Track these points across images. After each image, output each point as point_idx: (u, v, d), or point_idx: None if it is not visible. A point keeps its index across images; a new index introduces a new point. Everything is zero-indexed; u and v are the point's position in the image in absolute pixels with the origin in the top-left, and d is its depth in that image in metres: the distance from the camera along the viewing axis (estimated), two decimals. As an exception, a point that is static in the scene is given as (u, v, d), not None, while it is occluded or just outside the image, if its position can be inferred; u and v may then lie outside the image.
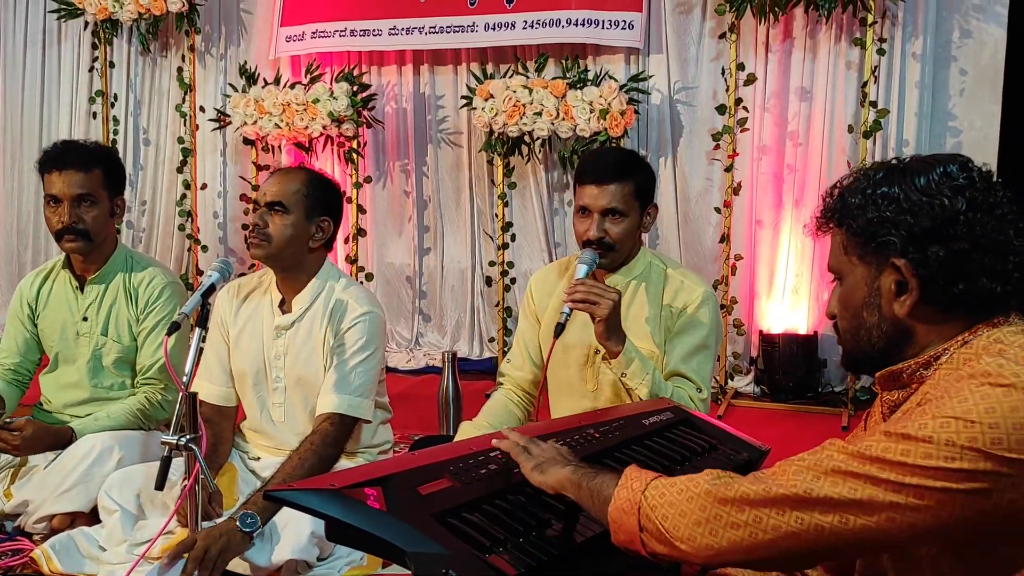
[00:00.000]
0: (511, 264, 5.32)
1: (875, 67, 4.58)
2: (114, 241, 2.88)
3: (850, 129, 4.73)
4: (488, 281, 5.48)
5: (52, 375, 2.91)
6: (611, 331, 2.24)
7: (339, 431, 2.40)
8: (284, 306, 2.53)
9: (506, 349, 5.34)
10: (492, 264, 5.41)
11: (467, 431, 2.51)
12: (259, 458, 2.57)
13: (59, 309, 2.88)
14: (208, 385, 2.55)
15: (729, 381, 4.98)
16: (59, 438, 2.66)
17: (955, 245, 1.27)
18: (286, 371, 2.50)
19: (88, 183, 2.74)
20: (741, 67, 4.78)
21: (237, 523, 2.12)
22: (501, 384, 2.71)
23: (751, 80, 4.78)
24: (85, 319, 2.84)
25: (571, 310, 2.26)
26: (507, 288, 5.31)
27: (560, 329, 2.27)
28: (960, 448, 1.13)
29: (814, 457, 1.23)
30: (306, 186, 2.45)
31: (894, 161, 1.36)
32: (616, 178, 2.36)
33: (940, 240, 1.27)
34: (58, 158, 2.74)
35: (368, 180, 5.63)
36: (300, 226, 2.44)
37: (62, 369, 2.88)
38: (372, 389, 2.48)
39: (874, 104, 4.58)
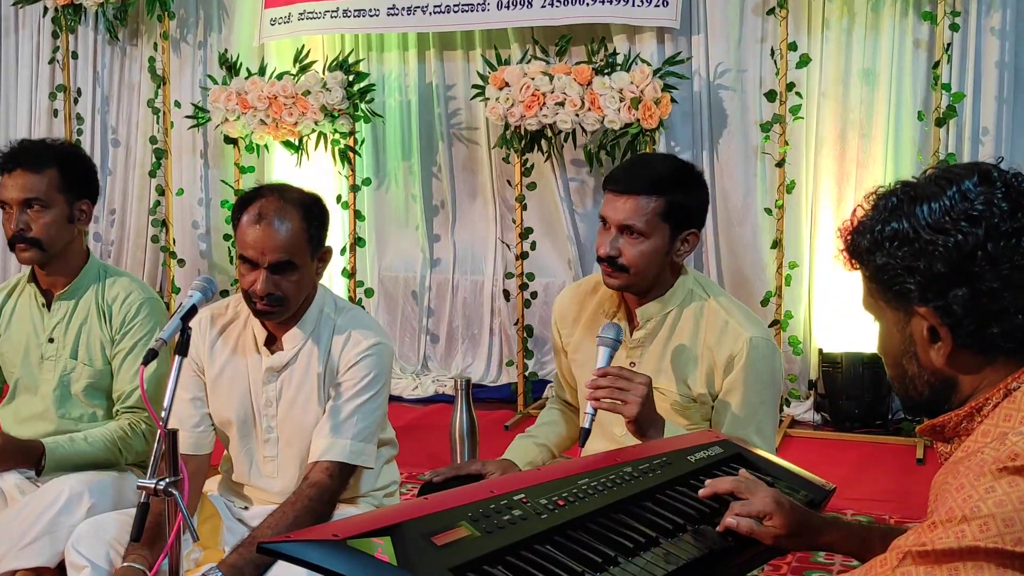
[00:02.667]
0: (531, 276, 5.33)
1: (948, 45, 4.57)
2: (84, 253, 2.89)
3: (920, 116, 4.72)
4: (506, 295, 5.49)
5: (11, 407, 2.91)
6: (645, 427, 2.20)
7: (337, 483, 2.37)
8: (273, 344, 2.49)
9: (527, 373, 5.34)
10: (510, 276, 5.43)
11: (522, 449, 2.54)
12: (247, 507, 2.57)
13: (22, 329, 2.88)
14: (181, 433, 2.50)
15: (785, 408, 4.96)
16: (29, 454, 2.67)
17: (980, 284, 1.27)
18: (279, 420, 2.46)
19: (37, 186, 2.75)
20: (793, 47, 4.78)
21: None
22: (551, 402, 2.73)
23: (805, 62, 4.78)
24: (51, 340, 2.84)
25: (595, 410, 2.23)
26: (527, 303, 5.32)
27: (586, 435, 2.25)
28: None
29: None
30: (306, 226, 2.36)
31: (912, 180, 1.36)
32: (642, 191, 2.29)
33: (961, 281, 1.27)
34: (9, 159, 2.77)
35: (367, 182, 5.66)
36: (309, 272, 2.39)
37: (22, 399, 2.89)
38: (376, 433, 2.45)
39: (947, 87, 4.57)
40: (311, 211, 2.39)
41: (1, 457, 2.64)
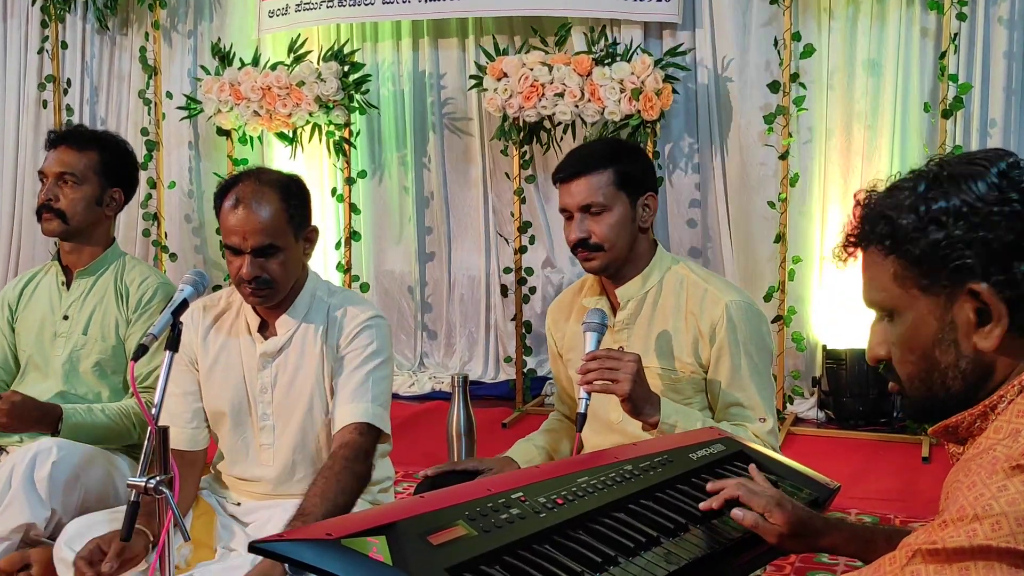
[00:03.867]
0: (530, 271, 5.32)
1: (954, 34, 4.57)
2: (108, 238, 3.04)
3: (926, 108, 4.72)
4: (503, 291, 5.48)
5: (21, 386, 2.97)
6: (640, 404, 2.24)
7: (369, 441, 2.39)
8: (266, 330, 2.50)
9: (525, 370, 5.34)
10: (508, 271, 5.42)
11: (522, 451, 2.57)
12: (240, 503, 2.57)
13: (40, 306, 2.99)
14: (173, 429, 2.40)
15: (788, 405, 4.96)
16: (47, 416, 2.74)
17: None
18: (275, 406, 2.48)
19: (76, 162, 2.92)
20: (797, 37, 4.78)
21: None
22: (553, 414, 2.77)
23: (809, 52, 4.77)
24: (66, 317, 2.94)
25: (589, 394, 2.27)
26: (526, 299, 5.31)
27: (582, 420, 2.28)
28: None
29: None
30: (285, 207, 2.37)
31: (933, 166, 1.35)
32: (589, 169, 2.39)
33: (1022, 254, 1.27)
34: (57, 136, 2.98)
35: (363, 175, 5.65)
36: (295, 253, 2.41)
37: (32, 377, 2.96)
38: (389, 401, 2.48)
39: (954, 78, 4.57)
40: (289, 190, 2.41)
41: (19, 415, 2.68)
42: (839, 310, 4.96)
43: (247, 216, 2.34)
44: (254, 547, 1.37)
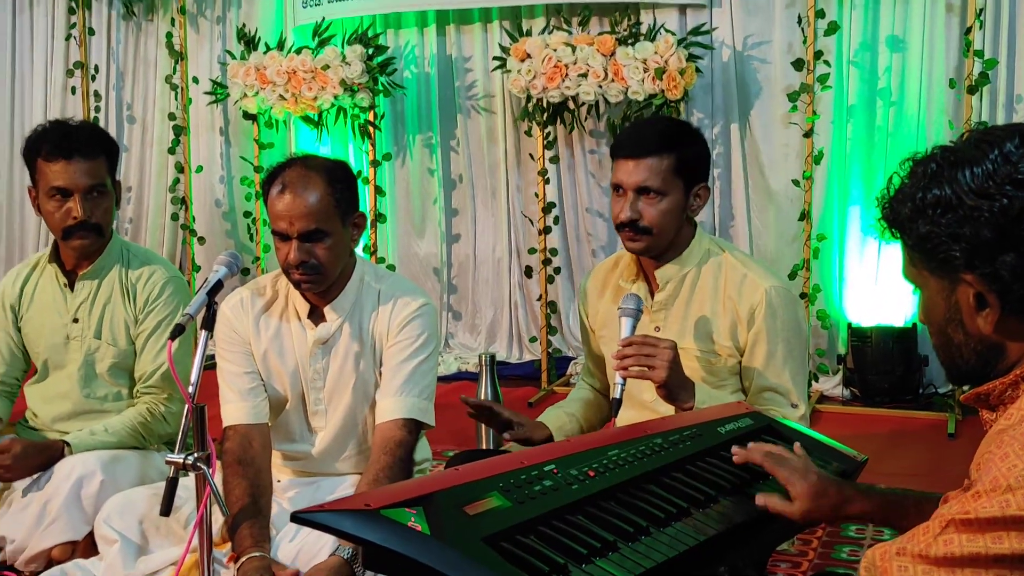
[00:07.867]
0: (554, 251, 5.34)
1: (980, 9, 4.54)
2: (111, 229, 2.93)
3: (952, 84, 4.69)
4: (528, 272, 5.50)
5: (39, 386, 2.97)
6: (676, 390, 2.26)
7: (415, 438, 2.46)
8: (316, 317, 2.52)
9: (551, 350, 5.37)
10: (532, 252, 5.44)
11: (554, 416, 2.60)
12: (279, 480, 2.61)
13: (46, 310, 2.93)
14: (239, 404, 2.50)
15: (813, 383, 4.97)
16: (51, 454, 2.72)
17: None
18: (326, 392, 2.52)
19: (97, 171, 2.80)
20: (821, 14, 4.75)
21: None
22: (580, 384, 2.80)
23: (833, 29, 4.75)
24: (76, 320, 2.90)
25: (624, 380, 2.28)
26: (550, 279, 5.33)
27: (617, 405, 2.29)
28: None
29: None
30: (331, 191, 2.38)
31: (950, 144, 1.37)
32: (654, 151, 2.37)
33: (1008, 247, 1.28)
34: (61, 145, 2.78)
35: (388, 157, 5.67)
36: (342, 239, 2.43)
37: (53, 378, 2.95)
38: (434, 392, 2.54)
39: (980, 54, 4.53)
40: (335, 175, 2.43)
41: (23, 464, 2.68)
42: (864, 288, 4.95)
43: (293, 201, 2.35)
44: (297, 517, 1.41)
